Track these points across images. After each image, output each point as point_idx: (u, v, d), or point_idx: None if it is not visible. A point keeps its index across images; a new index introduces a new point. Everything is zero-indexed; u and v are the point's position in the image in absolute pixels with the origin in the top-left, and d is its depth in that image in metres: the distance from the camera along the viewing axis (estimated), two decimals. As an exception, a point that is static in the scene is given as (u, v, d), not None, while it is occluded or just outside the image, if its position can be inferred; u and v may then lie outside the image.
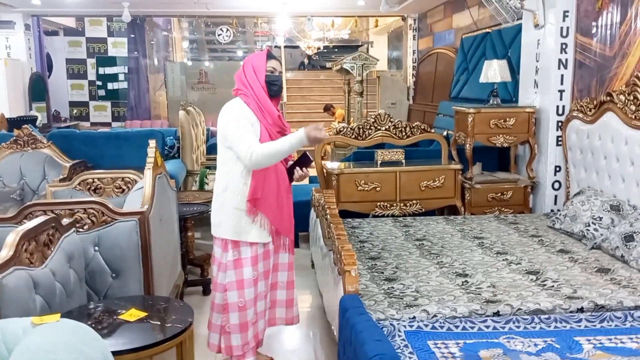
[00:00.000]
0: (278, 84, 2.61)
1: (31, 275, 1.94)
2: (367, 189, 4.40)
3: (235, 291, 2.57)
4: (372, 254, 3.41)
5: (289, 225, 2.73)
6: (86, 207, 2.54)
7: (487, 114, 4.47)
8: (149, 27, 11.49)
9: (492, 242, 3.58)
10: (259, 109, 2.53)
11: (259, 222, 2.56)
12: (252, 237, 2.57)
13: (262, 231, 2.58)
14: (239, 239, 2.57)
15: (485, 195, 4.53)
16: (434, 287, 2.81)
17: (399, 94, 9.38)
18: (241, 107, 2.55)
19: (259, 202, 2.53)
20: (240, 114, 2.52)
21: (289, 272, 2.84)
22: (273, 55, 2.65)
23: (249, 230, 2.56)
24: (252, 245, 2.58)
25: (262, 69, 2.56)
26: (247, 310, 2.58)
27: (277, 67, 2.62)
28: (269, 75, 2.57)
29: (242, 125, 2.48)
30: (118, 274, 2.56)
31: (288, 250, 2.80)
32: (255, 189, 2.52)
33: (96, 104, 11.77)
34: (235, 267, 2.58)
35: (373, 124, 4.60)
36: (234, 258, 2.58)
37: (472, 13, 6.66)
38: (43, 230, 2.11)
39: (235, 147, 2.48)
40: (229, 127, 2.50)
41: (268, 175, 2.54)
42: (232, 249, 2.58)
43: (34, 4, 7.90)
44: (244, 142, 2.45)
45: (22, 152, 4.08)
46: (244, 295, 2.57)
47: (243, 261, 2.57)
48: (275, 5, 8.42)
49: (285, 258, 2.81)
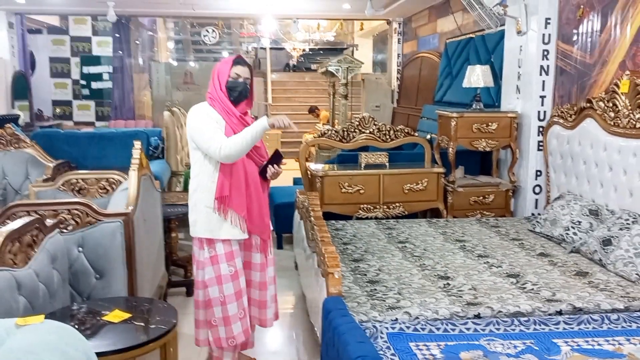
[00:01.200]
0: (238, 89, 2.61)
1: (14, 276, 1.94)
2: (351, 192, 4.43)
3: (216, 286, 2.61)
4: (355, 256, 3.44)
5: (260, 225, 2.71)
6: (70, 207, 2.53)
7: (470, 118, 4.53)
8: (134, 26, 11.40)
9: (473, 245, 3.63)
10: (223, 110, 2.60)
11: (230, 219, 2.58)
12: (224, 234, 2.59)
13: (234, 228, 2.60)
14: (212, 237, 2.60)
15: (467, 199, 4.60)
16: (416, 289, 2.85)
17: (384, 97, 9.44)
18: (206, 109, 2.61)
19: (227, 200, 2.56)
20: (206, 115, 2.58)
21: (261, 273, 2.81)
22: (241, 62, 2.66)
23: (220, 227, 2.59)
24: (224, 242, 2.61)
25: (225, 74, 2.62)
26: (227, 304, 2.62)
27: (242, 73, 2.62)
28: (230, 81, 2.61)
29: (209, 125, 2.54)
30: (102, 275, 2.55)
31: (260, 251, 2.78)
32: (222, 186, 2.56)
33: (80, 103, 11.63)
34: (213, 264, 2.62)
35: (357, 127, 4.64)
36: (210, 255, 2.62)
37: (456, 18, 6.74)
38: (27, 231, 2.10)
39: (206, 148, 2.54)
40: (196, 129, 2.57)
41: (234, 173, 2.57)
42: (207, 247, 2.62)
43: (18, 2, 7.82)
44: (214, 140, 2.51)
45: (5, 151, 4.04)
46: (224, 291, 2.61)
47: (219, 257, 2.61)
48: (260, 7, 8.43)
49: (257, 258, 2.79)
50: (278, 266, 4.58)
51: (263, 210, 2.71)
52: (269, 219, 2.83)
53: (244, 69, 2.64)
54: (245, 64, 2.67)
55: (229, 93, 2.61)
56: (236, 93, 2.61)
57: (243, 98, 2.65)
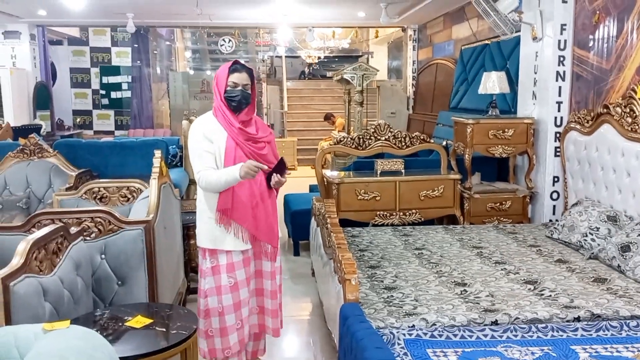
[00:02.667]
0: (236, 99, 2.58)
1: (40, 282, 2.00)
2: (367, 198, 4.45)
3: (215, 297, 2.63)
4: (371, 262, 3.46)
5: (268, 232, 2.70)
6: (93, 215, 2.60)
7: (486, 124, 4.53)
8: (152, 37, 11.59)
9: (490, 252, 3.63)
10: (225, 121, 2.61)
11: (233, 231, 2.60)
12: (227, 245, 2.61)
13: (237, 239, 2.61)
14: (214, 247, 2.62)
15: (484, 205, 4.59)
16: (433, 296, 2.86)
17: (399, 103, 9.46)
18: (205, 122, 2.64)
19: (230, 212, 2.58)
20: (200, 133, 2.60)
21: (272, 281, 2.79)
22: (238, 68, 2.61)
23: (224, 238, 2.60)
24: (227, 253, 2.62)
25: (222, 83, 2.61)
26: (225, 315, 2.62)
27: (240, 80, 2.58)
28: (227, 90, 2.60)
29: (198, 145, 2.58)
30: (124, 281, 2.61)
31: (270, 258, 2.77)
32: (224, 199, 2.57)
33: (99, 112, 11.85)
34: (213, 274, 2.63)
35: (373, 134, 4.66)
36: (212, 265, 2.63)
37: (471, 25, 6.74)
38: (52, 239, 2.17)
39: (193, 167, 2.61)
40: (189, 148, 2.63)
41: (238, 185, 2.57)
42: (209, 257, 2.64)
43: (40, 15, 8.01)
44: (196, 166, 2.57)
45: (29, 161, 4.14)
46: (222, 301, 2.62)
47: (220, 268, 2.62)
48: (276, 16, 8.52)
49: (267, 266, 2.78)
50: (295, 273, 4.65)
51: (270, 217, 2.71)
52: (277, 226, 2.81)
53: (242, 76, 2.61)
54: (243, 70, 2.63)
55: (228, 103, 2.61)
56: (235, 103, 2.60)
57: (243, 106, 2.62)
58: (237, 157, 2.57)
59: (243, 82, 2.62)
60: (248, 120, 2.68)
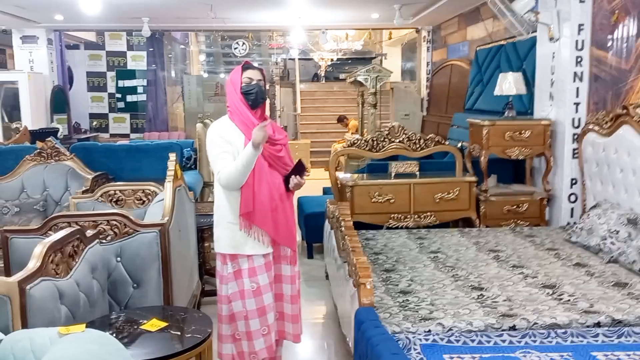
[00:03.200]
0: (254, 92, 2.59)
1: (57, 285, 2.00)
2: (381, 201, 4.42)
3: (239, 301, 2.61)
4: (386, 266, 3.43)
5: (288, 236, 2.68)
6: (109, 218, 2.61)
7: (502, 126, 4.48)
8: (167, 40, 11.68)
9: (507, 255, 3.58)
10: (242, 123, 2.60)
11: (254, 235, 2.58)
12: (248, 249, 2.59)
13: (258, 243, 2.59)
14: (236, 252, 2.60)
15: (500, 208, 4.54)
16: (449, 300, 2.83)
17: (413, 105, 9.41)
18: (222, 125, 2.63)
19: (252, 216, 2.56)
20: (218, 135, 2.59)
21: (292, 286, 2.76)
22: (250, 66, 2.66)
23: (245, 243, 2.58)
24: (249, 257, 2.59)
25: (237, 81, 2.63)
26: (249, 320, 2.60)
27: (254, 76, 2.62)
28: (244, 86, 2.61)
29: (217, 148, 2.57)
30: (139, 284, 2.62)
31: (290, 262, 2.74)
32: (246, 203, 2.55)
33: (115, 115, 11.96)
34: (236, 279, 2.61)
35: (387, 136, 4.63)
36: (234, 270, 2.61)
37: (486, 25, 6.69)
38: (68, 242, 2.18)
39: (213, 171, 2.59)
40: (208, 150, 2.62)
41: (257, 188, 2.55)
42: (230, 262, 2.62)
43: (57, 19, 8.10)
44: (216, 167, 2.56)
45: (46, 164, 4.18)
46: (246, 306, 2.60)
47: (242, 272, 2.60)
48: (290, 19, 8.53)
49: (287, 270, 2.75)
50: (308, 276, 4.64)
51: (290, 220, 2.69)
52: (296, 230, 2.80)
53: (255, 72, 2.65)
54: (255, 68, 2.68)
55: (246, 98, 2.61)
56: (252, 96, 2.60)
57: (260, 100, 2.64)
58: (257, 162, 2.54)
59: (257, 77, 2.65)
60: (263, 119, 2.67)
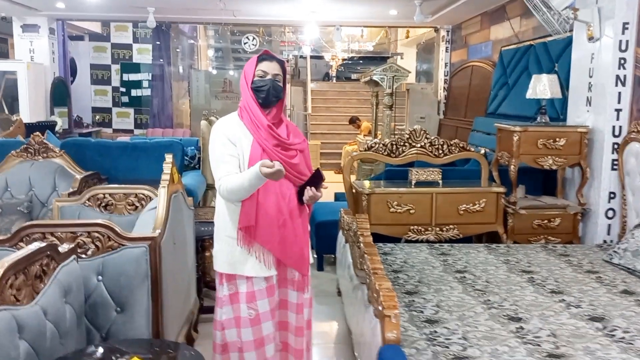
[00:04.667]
0: (265, 88, 2.19)
1: (15, 316, 1.63)
2: (400, 211, 4.04)
3: (234, 329, 2.23)
4: (408, 287, 3.04)
5: (298, 257, 2.28)
6: (90, 230, 2.23)
7: (535, 132, 4.09)
8: (174, 34, 11.33)
9: (543, 278, 3.19)
10: (251, 122, 2.21)
11: (255, 254, 2.20)
12: (248, 270, 2.20)
13: (259, 264, 2.21)
14: (234, 272, 2.22)
15: (530, 222, 4.14)
16: (484, 333, 2.43)
17: (429, 108, 9.01)
18: (228, 123, 2.26)
19: (254, 231, 2.18)
20: (223, 134, 2.22)
21: (298, 315, 2.35)
22: (268, 57, 2.25)
23: (244, 262, 2.20)
24: (248, 279, 2.21)
25: (250, 74, 2.24)
26: (244, 352, 2.22)
27: (270, 69, 2.22)
28: (256, 80, 2.22)
29: (221, 148, 2.20)
30: (123, 308, 2.23)
31: (297, 289, 2.34)
32: (247, 215, 2.17)
33: (119, 110, 11.63)
34: (232, 303, 2.24)
35: (407, 140, 4.24)
36: (230, 292, 2.24)
37: (512, 24, 6.28)
38: (35, 260, 1.80)
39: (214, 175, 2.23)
40: (210, 152, 2.25)
41: (263, 198, 2.17)
42: (226, 283, 2.25)
43: (58, 7, 7.76)
44: (217, 173, 2.20)
45: (33, 161, 3.81)
46: (242, 335, 2.22)
47: (240, 296, 2.22)
48: (303, 13, 8.15)
49: (294, 297, 2.35)
50: (318, 290, 4.23)
51: (300, 239, 2.28)
52: (309, 251, 2.38)
53: (272, 65, 2.23)
54: (274, 59, 2.25)
55: (256, 94, 2.22)
56: (263, 93, 2.20)
57: (273, 99, 2.22)
58: None
59: (273, 71, 2.23)
60: (277, 123, 2.27)
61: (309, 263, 2.37)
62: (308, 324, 2.42)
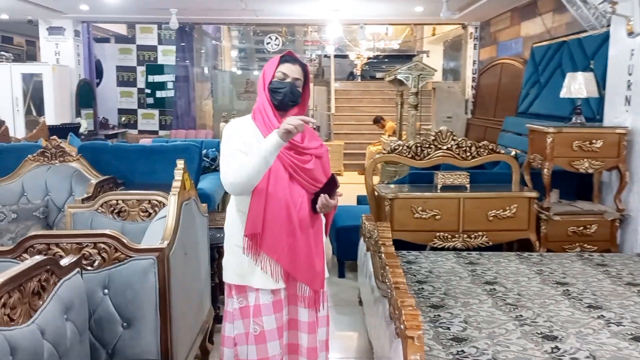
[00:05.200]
0: (282, 91, 2.07)
1: (7, 337, 1.51)
2: (425, 217, 3.86)
3: (245, 346, 2.09)
4: (433, 300, 2.86)
5: (308, 270, 2.11)
6: (96, 240, 2.12)
7: (570, 134, 3.86)
8: (197, 34, 11.30)
9: (580, 291, 2.97)
10: (263, 124, 2.09)
11: (262, 263, 2.06)
12: (256, 281, 2.07)
13: (267, 275, 2.06)
14: (243, 283, 2.09)
15: (564, 229, 3.91)
16: (516, 354, 2.24)
17: (456, 107, 8.75)
18: (241, 124, 2.15)
19: (260, 239, 2.04)
20: (235, 132, 2.11)
21: (309, 336, 2.16)
22: (290, 59, 2.14)
23: (252, 272, 2.07)
24: (256, 291, 2.08)
25: (269, 75, 2.11)
26: None
27: (290, 72, 2.10)
28: (274, 81, 2.09)
29: (229, 146, 2.08)
30: (130, 324, 2.12)
31: (308, 306, 2.16)
32: (253, 221, 2.03)
33: (144, 111, 11.66)
34: (243, 317, 2.10)
35: (433, 142, 4.06)
36: (240, 306, 2.11)
37: (544, 20, 6.01)
38: (32, 276, 1.69)
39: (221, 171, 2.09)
40: (221, 147, 2.13)
41: (271, 203, 2.03)
42: (236, 295, 2.12)
43: (82, 9, 7.78)
44: (224, 166, 2.06)
45: (49, 165, 3.75)
46: (248, 354, 2.08)
47: (250, 310, 2.09)
48: (326, 12, 8.00)
49: (304, 315, 2.17)
50: (339, 299, 4.08)
51: (313, 250, 2.12)
52: (324, 263, 2.21)
53: (294, 68, 2.11)
54: (296, 62, 2.14)
55: (272, 96, 2.09)
56: (280, 96, 2.08)
57: (289, 103, 2.10)
58: (273, 170, 2.03)
59: (294, 75, 2.10)
60: None
61: (323, 278, 2.20)
62: (324, 345, 2.26)
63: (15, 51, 10.51)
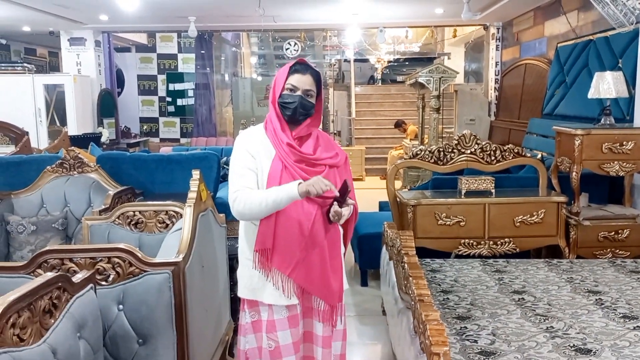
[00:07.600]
0: (292, 106, 1.99)
1: (16, 358, 1.47)
2: (450, 224, 3.75)
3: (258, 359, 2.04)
4: (459, 310, 2.76)
5: (323, 284, 2.03)
6: (110, 255, 2.07)
7: (599, 136, 3.71)
8: (217, 42, 11.33)
9: (613, 300, 2.83)
10: (275, 137, 2.02)
11: (273, 279, 1.99)
12: (267, 297, 2.01)
13: (277, 290, 1.99)
14: (254, 298, 2.04)
15: (595, 234, 3.76)
16: (548, 369, 2.13)
17: (479, 109, 8.58)
18: (251, 136, 2.09)
19: (270, 254, 1.97)
20: (244, 148, 2.05)
21: (324, 350, 2.09)
22: (301, 69, 2.04)
23: (263, 287, 2.01)
24: (269, 306, 2.02)
25: (279, 85, 2.03)
26: None
27: (300, 84, 2.00)
28: (283, 94, 2.01)
29: (238, 164, 2.03)
30: (145, 340, 2.07)
31: (323, 320, 2.08)
32: (263, 236, 1.97)
33: (166, 120, 11.74)
34: (255, 331, 2.05)
35: (456, 147, 3.95)
36: (252, 320, 2.06)
37: (569, 19, 5.84)
38: (43, 294, 1.64)
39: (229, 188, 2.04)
40: (230, 162, 2.08)
41: (282, 217, 1.95)
42: (248, 310, 2.07)
43: (102, 20, 7.85)
44: (233, 184, 2.01)
45: (68, 176, 3.74)
46: None
47: (262, 324, 2.04)
48: (345, 16, 7.94)
49: (319, 329, 2.09)
50: (361, 309, 3.99)
51: (328, 265, 2.03)
52: (342, 277, 2.12)
53: (304, 79, 2.01)
54: (308, 71, 2.03)
55: (282, 111, 2.02)
56: (289, 111, 2.00)
57: (301, 117, 2.01)
58: (283, 183, 1.96)
59: (305, 86, 2.01)
60: (306, 136, 2.06)
61: (341, 292, 2.11)
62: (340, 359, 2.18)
63: (38, 62, 10.67)
